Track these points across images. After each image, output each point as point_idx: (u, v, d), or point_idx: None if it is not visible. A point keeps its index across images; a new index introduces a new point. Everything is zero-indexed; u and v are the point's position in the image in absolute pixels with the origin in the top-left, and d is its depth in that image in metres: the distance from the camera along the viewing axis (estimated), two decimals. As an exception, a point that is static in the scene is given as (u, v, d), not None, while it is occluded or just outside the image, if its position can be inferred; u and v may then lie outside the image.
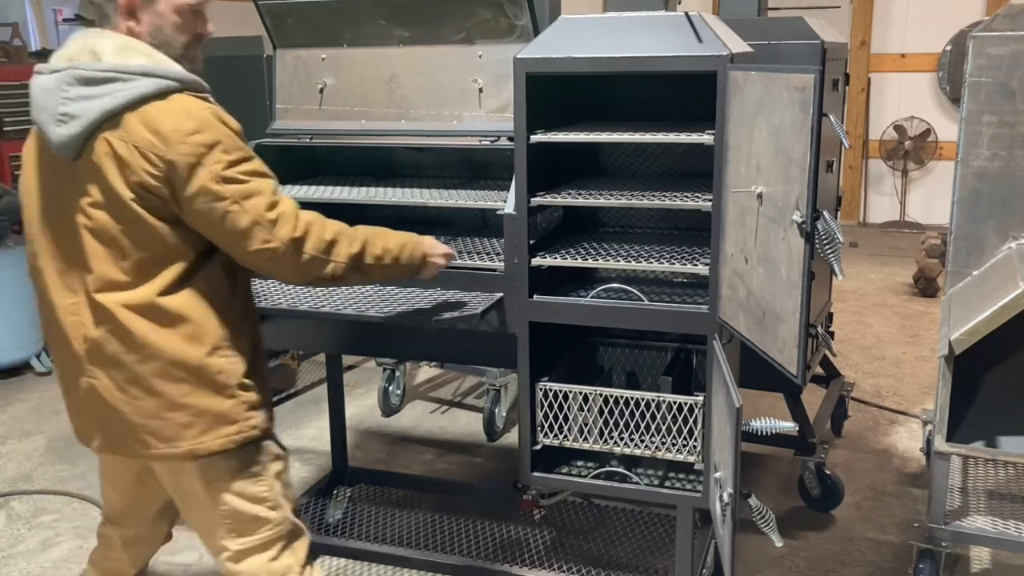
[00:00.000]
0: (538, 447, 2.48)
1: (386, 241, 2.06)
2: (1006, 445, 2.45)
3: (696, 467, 2.38)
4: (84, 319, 1.86)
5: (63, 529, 3.30)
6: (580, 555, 2.94)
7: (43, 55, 6.75)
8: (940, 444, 2.44)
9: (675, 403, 2.34)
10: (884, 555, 3.01)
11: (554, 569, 2.85)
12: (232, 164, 1.78)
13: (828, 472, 3.22)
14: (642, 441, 2.42)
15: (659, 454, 2.40)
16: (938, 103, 7.97)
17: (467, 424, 4.15)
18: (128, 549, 2.21)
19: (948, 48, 7.75)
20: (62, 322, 1.90)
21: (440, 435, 4.04)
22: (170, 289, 1.82)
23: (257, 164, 1.84)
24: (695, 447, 2.34)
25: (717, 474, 2.15)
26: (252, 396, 1.94)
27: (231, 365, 1.90)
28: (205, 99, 1.82)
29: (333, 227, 1.94)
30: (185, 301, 1.83)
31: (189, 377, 1.85)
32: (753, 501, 2.12)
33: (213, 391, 1.88)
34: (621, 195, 2.42)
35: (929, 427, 3.29)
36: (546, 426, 2.46)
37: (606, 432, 2.43)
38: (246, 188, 1.79)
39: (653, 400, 2.36)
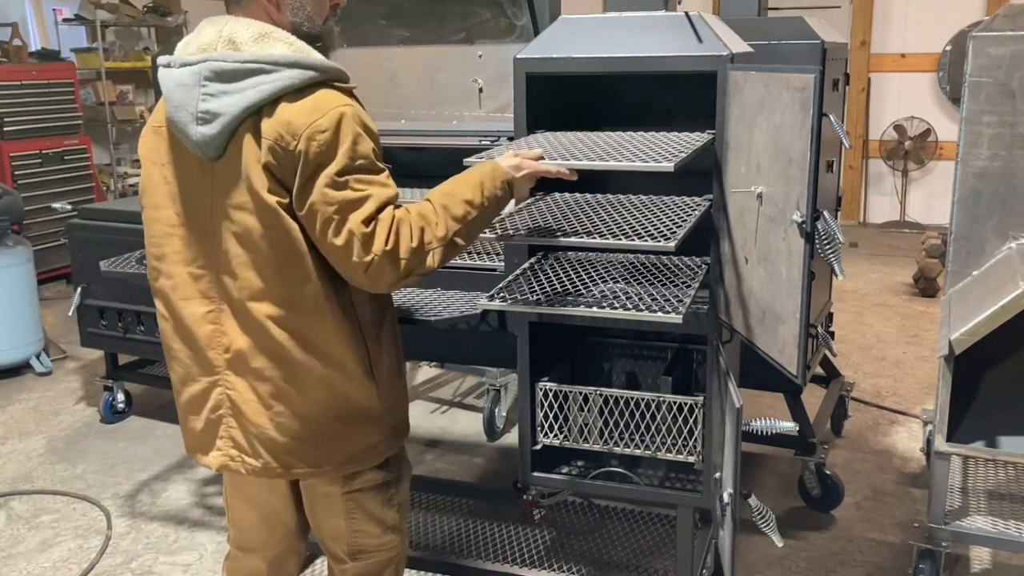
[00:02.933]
0: (538, 447, 2.48)
1: (462, 193, 1.80)
2: (1006, 445, 2.45)
3: (696, 467, 2.38)
4: (226, 327, 1.75)
5: (63, 529, 3.30)
6: (580, 555, 2.94)
7: (43, 55, 6.74)
8: (940, 444, 2.44)
9: (675, 403, 2.34)
10: (884, 555, 3.01)
11: (554, 569, 2.85)
12: (350, 171, 1.64)
13: (828, 472, 3.22)
14: (642, 441, 2.42)
15: (659, 454, 2.39)
16: (938, 103, 7.97)
17: (467, 424, 4.15)
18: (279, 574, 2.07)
19: (948, 48, 7.75)
20: (194, 331, 1.78)
21: (440, 435, 4.04)
22: (315, 303, 1.71)
23: (377, 175, 1.69)
24: (695, 447, 2.34)
25: (717, 474, 2.15)
26: (394, 418, 1.88)
27: (375, 388, 1.81)
28: (348, 92, 1.70)
29: (416, 216, 1.72)
30: (330, 317, 1.73)
31: (333, 402, 1.77)
32: (753, 501, 2.12)
33: (358, 418, 1.81)
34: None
35: (929, 427, 3.29)
36: (546, 426, 2.46)
37: (606, 432, 2.43)
38: (354, 196, 1.64)
39: (653, 400, 2.36)
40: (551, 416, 2.45)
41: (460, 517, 3.17)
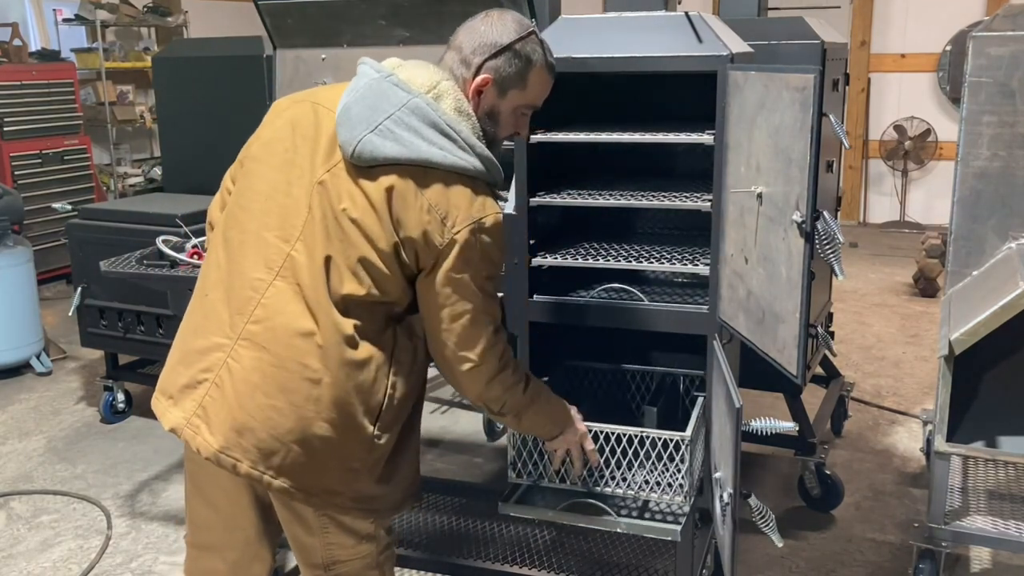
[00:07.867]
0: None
1: (545, 408, 2.01)
2: (1006, 445, 2.45)
3: (682, 507, 2.20)
4: (266, 300, 1.72)
5: (63, 529, 3.30)
6: (580, 555, 2.94)
7: (43, 55, 6.75)
8: (940, 444, 2.44)
9: (660, 439, 2.16)
10: (884, 555, 3.01)
11: (554, 569, 2.85)
12: (492, 278, 1.82)
13: (828, 472, 3.22)
14: (624, 480, 2.22)
15: (642, 494, 2.21)
16: (938, 103, 7.97)
17: (467, 424, 4.15)
18: None
19: (948, 48, 7.75)
20: (236, 291, 1.76)
21: (440, 435, 4.04)
22: (365, 331, 1.74)
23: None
24: (681, 487, 2.17)
25: (717, 474, 2.14)
26: (367, 488, 1.82)
27: (369, 440, 1.78)
28: (496, 197, 1.83)
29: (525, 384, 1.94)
30: (370, 350, 1.74)
31: (336, 429, 1.73)
32: (753, 501, 2.11)
33: (352, 463, 1.77)
34: (621, 195, 2.42)
35: (929, 427, 3.30)
36: (519, 463, 2.25)
37: (584, 470, 2.17)
38: (493, 303, 1.83)
39: (636, 436, 2.16)
40: (524, 452, 2.24)
41: (459, 516, 3.17)
